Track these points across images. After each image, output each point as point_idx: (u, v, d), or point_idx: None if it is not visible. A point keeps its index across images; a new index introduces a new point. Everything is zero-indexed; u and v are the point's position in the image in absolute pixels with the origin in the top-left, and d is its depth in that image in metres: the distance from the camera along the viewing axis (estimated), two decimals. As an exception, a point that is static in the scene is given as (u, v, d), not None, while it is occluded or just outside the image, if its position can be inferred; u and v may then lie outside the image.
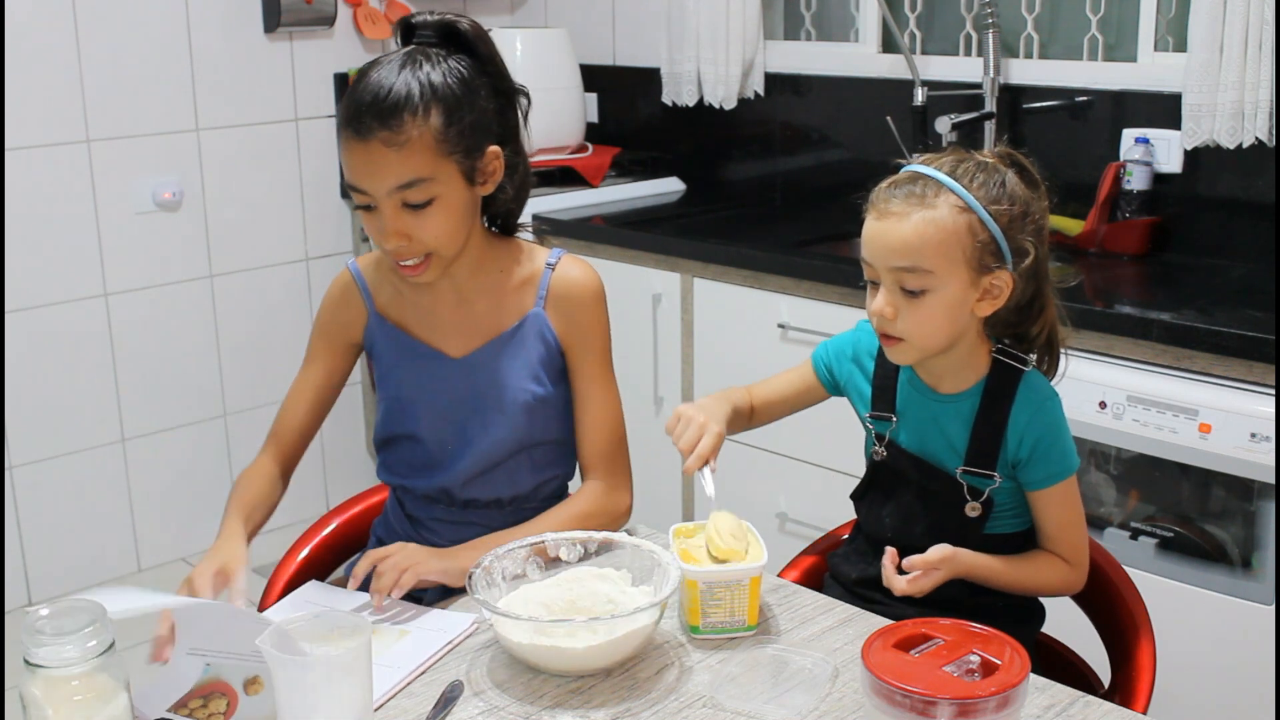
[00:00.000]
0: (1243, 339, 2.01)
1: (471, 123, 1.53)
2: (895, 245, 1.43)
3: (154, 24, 3.16)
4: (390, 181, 1.49)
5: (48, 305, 3.11)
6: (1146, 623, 1.61)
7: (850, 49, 3.20)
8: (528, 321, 1.66)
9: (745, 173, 3.44)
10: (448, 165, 1.52)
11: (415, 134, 1.48)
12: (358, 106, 1.49)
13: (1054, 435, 1.50)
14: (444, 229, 1.54)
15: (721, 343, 2.80)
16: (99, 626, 1.12)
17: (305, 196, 3.53)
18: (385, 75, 1.50)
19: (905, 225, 1.43)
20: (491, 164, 1.57)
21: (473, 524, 1.68)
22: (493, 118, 1.57)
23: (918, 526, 1.56)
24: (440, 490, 1.69)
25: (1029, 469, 1.50)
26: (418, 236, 1.53)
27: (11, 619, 3.04)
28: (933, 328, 1.46)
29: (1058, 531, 1.53)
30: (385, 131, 1.47)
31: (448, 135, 1.51)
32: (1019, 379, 1.50)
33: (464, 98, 1.52)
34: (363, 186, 1.51)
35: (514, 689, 1.31)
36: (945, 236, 1.42)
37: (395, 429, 1.71)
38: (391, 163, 1.48)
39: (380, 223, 1.53)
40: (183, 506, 3.44)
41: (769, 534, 1.68)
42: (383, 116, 1.47)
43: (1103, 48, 2.78)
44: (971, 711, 1.08)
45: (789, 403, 1.71)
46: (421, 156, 1.49)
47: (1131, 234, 2.58)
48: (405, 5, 3.63)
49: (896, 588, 1.42)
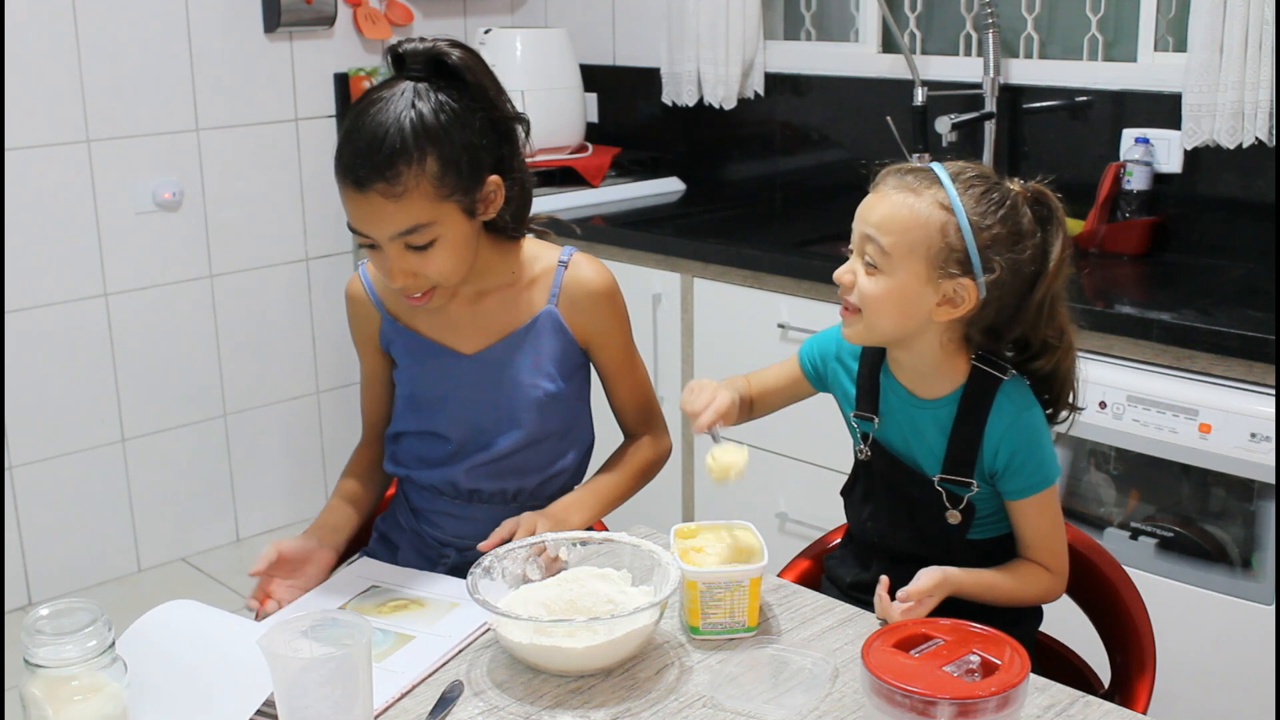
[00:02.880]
0: (1243, 339, 2.01)
1: (469, 160, 1.53)
2: (868, 216, 1.46)
3: (154, 24, 3.16)
4: (391, 229, 1.51)
5: (48, 305, 3.11)
6: (1146, 623, 1.61)
7: (850, 49, 3.20)
8: (541, 318, 1.68)
9: (745, 173, 3.44)
10: (448, 206, 1.52)
11: (413, 183, 1.48)
12: (353, 157, 1.48)
13: (1032, 445, 1.47)
14: (448, 265, 1.56)
15: (721, 343, 2.80)
16: (99, 626, 1.12)
17: (305, 196, 3.53)
18: (379, 121, 1.48)
19: (885, 201, 1.45)
20: (491, 193, 1.58)
21: (476, 519, 1.70)
22: (489, 149, 1.57)
23: (903, 532, 1.56)
24: (447, 482, 1.71)
25: (1006, 479, 1.49)
26: (423, 273, 1.55)
27: (11, 619, 3.04)
28: (880, 307, 1.45)
29: (1038, 541, 1.51)
30: (382, 183, 1.47)
31: (445, 180, 1.50)
32: (996, 387, 1.48)
33: (458, 136, 1.51)
34: (365, 231, 1.52)
35: (514, 689, 1.31)
36: (914, 224, 1.42)
37: (408, 425, 1.73)
38: (391, 212, 1.49)
39: (385, 262, 1.54)
40: (183, 506, 3.44)
41: (769, 534, 1.68)
42: (379, 168, 1.47)
43: (1103, 47, 2.78)
44: (971, 711, 1.08)
45: (783, 393, 1.71)
46: (421, 203, 1.49)
47: (1131, 234, 2.58)
48: (405, 5, 3.63)
49: (892, 618, 1.40)
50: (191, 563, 3.45)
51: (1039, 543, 1.51)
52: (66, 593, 3.18)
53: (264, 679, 1.20)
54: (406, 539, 1.76)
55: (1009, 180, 1.47)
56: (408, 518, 1.76)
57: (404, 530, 1.76)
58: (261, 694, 1.23)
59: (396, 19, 3.62)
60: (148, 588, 3.29)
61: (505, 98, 1.60)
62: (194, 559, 3.46)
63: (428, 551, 1.74)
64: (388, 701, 1.29)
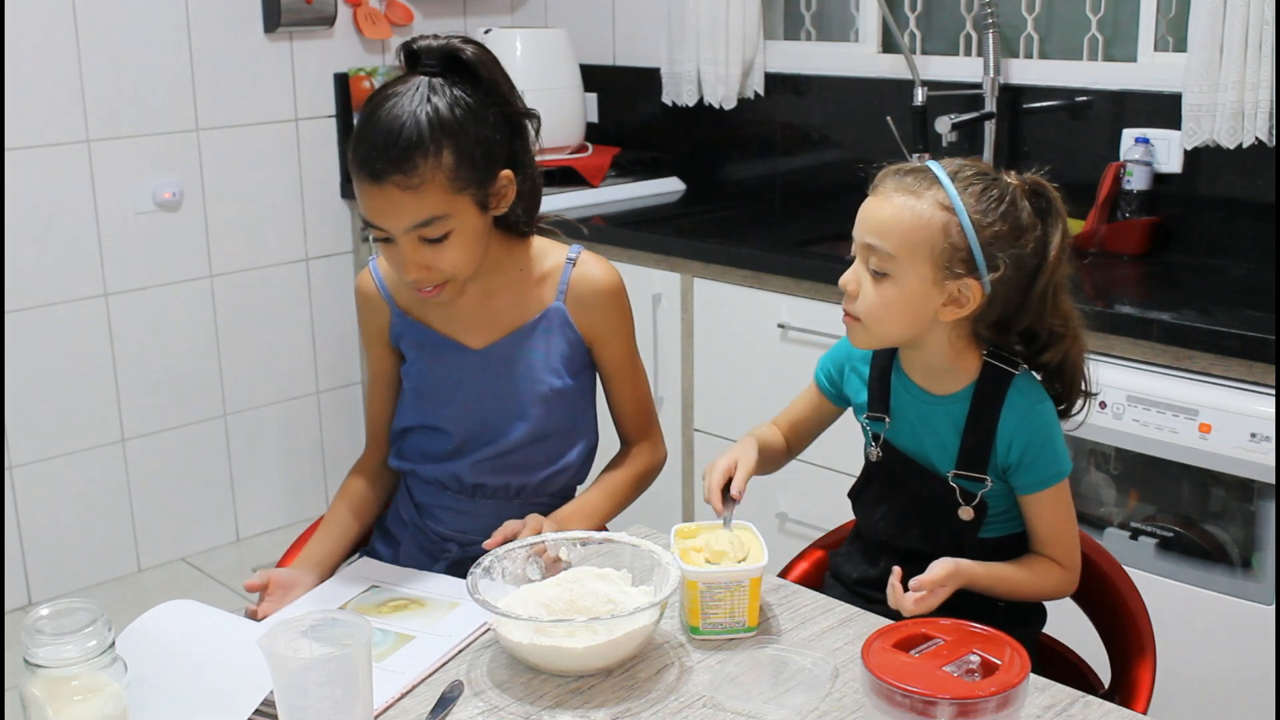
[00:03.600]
0: (1243, 339, 2.01)
1: (483, 154, 1.54)
2: (871, 221, 1.45)
3: (154, 24, 3.16)
4: (406, 222, 1.52)
5: (48, 305, 3.10)
6: (1146, 622, 1.61)
7: (850, 49, 3.20)
8: (548, 315, 1.69)
9: (745, 173, 3.44)
10: (462, 199, 1.54)
11: (429, 176, 1.50)
12: (369, 151, 1.50)
13: (1045, 440, 1.48)
14: (461, 258, 1.57)
15: (721, 343, 2.80)
16: (99, 626, 1.12)
17: (305, 196, 3.52)
18: (395, 115, 1.50)
19: (886, 205, 1.44)
20: (504, 187, 1.60)
21: (479, 514, 1.71)
22: (502, 144, 1.59)
23: (913, 531, 1.56)
24: (451, 477, 1.72)
25: (1019, 473, 1.49)
26: (437, 266, 1.56)
27: (11, 619, 3.04)
28: (886, 314, 1.45)
29: (1051, 535, 1.52)
30: (399, 175, 1.49)
31: (460, 173, 1.52)
32: (1009, 383, 1.49)
33: (473, 130, 1.53)
34: (380, 224, 1.53)
35: (514, 689, 1.31)
36: (917, 226, 1.42)
37: (415, 419, 1.74)
38: (407, 204, 1.50)
39: (399, 256, 1.55)
40: (183, 506, 3.44)
41: (769, 534, 1.68)
42: (396, 161, 1.49)
43: (1103, 47, 2.78)
44: (971, 711, 1.08)
45: (811, 421, 1.71)
46: (436, 196, 1.51)
47: (1131, 234, 2.58)
48: (405, 6, 3.63)
49: (905, 608, 1.41)
50: (191, 563, 3.45)
51: (1052, 538, 1.52)
52: (66, 593, 3.18)
53: (264, 679, 1.20)
54: (409, 534, 1.76)
55: (1006, 174, 1.47)
56: (410, 512, 1.77)
57: (406, 525, 1.77)
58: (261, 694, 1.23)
59: (396, 19, 3.62)
60: (148, 588, 3.29)
61: (517, 94, 1.62)
62: (194, 559, 3.46)
63: (430, 546, 1.75)
64: (388, 701, 1.29)
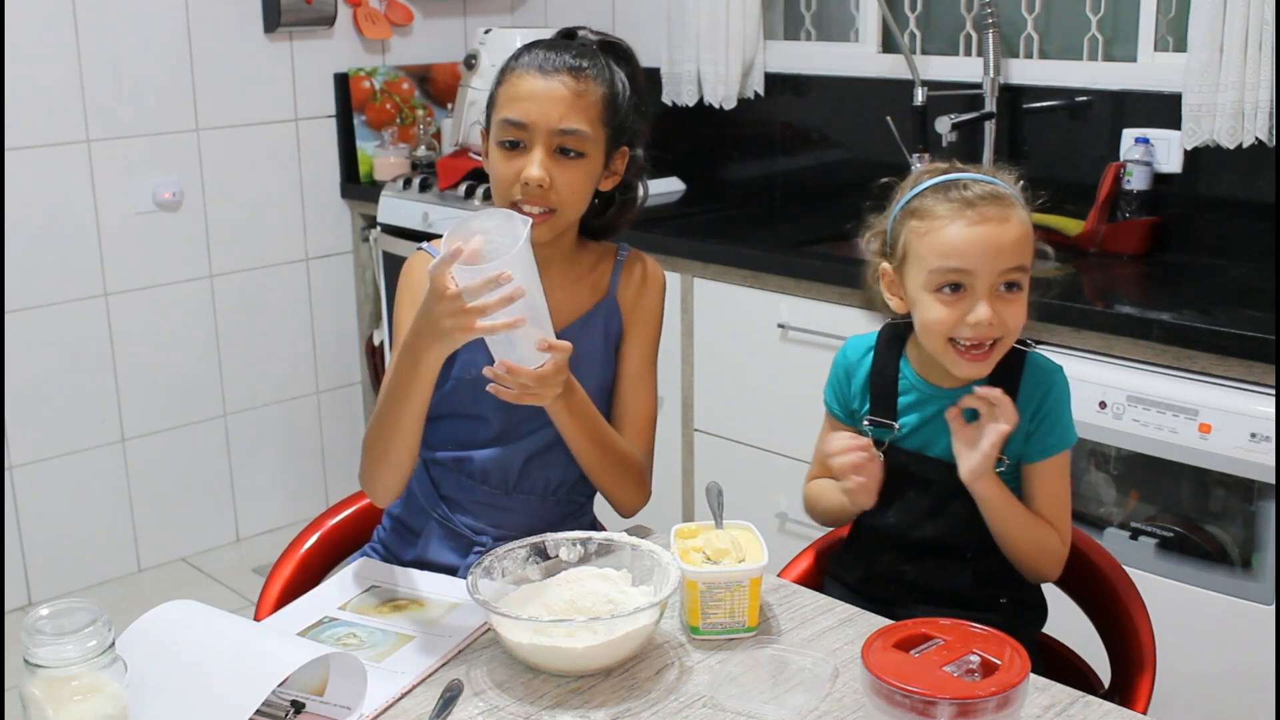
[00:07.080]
0: (1243, 339, 2.01)
1: (625, 117, 1.63)
2: (1007, 246, 1.47)
3: (154, 24, 3.16)
4: (558, 121, 1.57)
5: (48, 305, 3.11)
6: (1146, 623, 1.61)
7: (850, 49, 3.20)
8: (601, 307, 1.70)
9: (745, 173, 3.44)
10: (602, 133, 1.60)
11: (591, 90, 1.58)
12: (547, 49, 1.59)
13: (1061, 406, 1.55)
14: (579, 188, 1.61)
15: (721, 343, 2.80)
16: (99, 626, 1.12)
17: (305, 196, 3.53)
18: (572, 38, 1.63)
19: (1009, 227, 1.47)
20: (619, 163, 1.66)
21: (513, 509, 1.66)
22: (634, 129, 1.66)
23: (926, 524, 1.57)
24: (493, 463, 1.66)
25: (1035, 439, 1.53)
26: (556, 183, 1.58)
27: (11, 619, 3.04)
28: (1020, 324, 1.50)
29: (1052, 507, 1.55)
30: (569, 75, 1.57)
31: (609, 111, 1.60)
32: (1023, 359, 1.55)
33: (624, 95, 1.63)
34: (528, 120, 1.57)
35: (514, 689, 1.31)
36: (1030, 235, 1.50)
37: (459, 407, 1.68)
38: (566, 104, 1.56)
39: (524, 161, 1.58)
40: (183, 506, 3.44)
41: (769, 534, 1.68)
42: (570, 62, 1.58)
43: (1102, 47, 2.78)
44: (971, 711, 1.08)
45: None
46: (590, 112, 1.58)
47: (1131, 234, 2.58)
48: (405, 5, 3.63)
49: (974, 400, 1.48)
50: (191, 563, 3.45)
51: (1052, 509, 1.55)
52: (66, 593, 3.18)
53: (263, 679, 1.20)
54: (433, 527, 1.70)
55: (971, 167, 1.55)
56: (436, 505, 1.71)
57: (429, 518, 1.70)
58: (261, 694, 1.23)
59: (396, 19, 3.62)
60: (148, 588, 3.29)
61: (649, 101, 1.71)
62: (194, 559, 3.46)
63: (456, 542, 1.68)
64: (388, 701, 1.29)
